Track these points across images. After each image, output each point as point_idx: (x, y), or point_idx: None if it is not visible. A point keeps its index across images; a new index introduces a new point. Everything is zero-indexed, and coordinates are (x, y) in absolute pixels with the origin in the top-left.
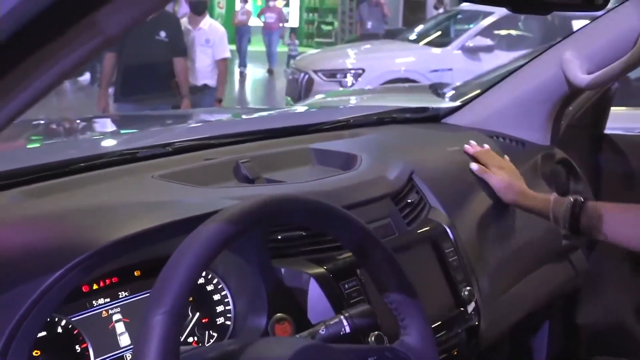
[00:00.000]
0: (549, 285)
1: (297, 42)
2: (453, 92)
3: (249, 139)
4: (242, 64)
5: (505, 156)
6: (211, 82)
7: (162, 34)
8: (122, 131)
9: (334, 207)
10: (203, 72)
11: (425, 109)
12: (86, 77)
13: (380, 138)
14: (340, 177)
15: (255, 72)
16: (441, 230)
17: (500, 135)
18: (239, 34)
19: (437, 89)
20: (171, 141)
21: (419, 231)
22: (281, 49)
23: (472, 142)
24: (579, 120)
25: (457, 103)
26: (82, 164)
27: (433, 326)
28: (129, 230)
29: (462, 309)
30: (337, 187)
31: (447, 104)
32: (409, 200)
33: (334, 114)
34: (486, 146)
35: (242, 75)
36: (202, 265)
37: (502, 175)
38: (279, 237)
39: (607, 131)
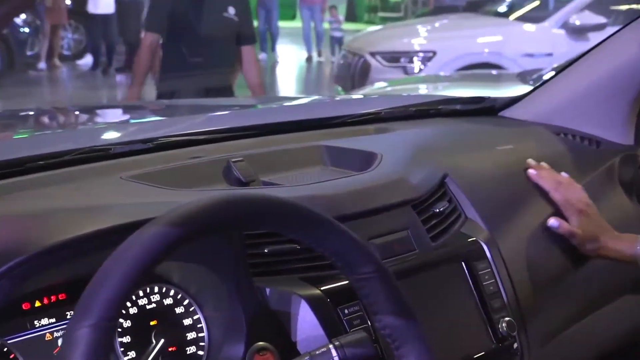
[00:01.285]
0: (629, 321)
1: (341, 18)
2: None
3: (249, 134)
4: (268, 48)
5: (580, 188)
6: None
7: (231, 10)
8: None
9: (313, 210)
10: None
11: (479, 99)
12: (87, 60)
13: (414, 134)
14: (348, 180)
15: (289, 59)
16: (476, 247)
17: (569, 133)
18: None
19: (527, 79)
20: (153, 136)
21: (446, 247)
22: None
23: (531, 161)
24: None
25: (520, 92)
26: (41, 162)
27: None
28: (65, 235)
29: (499, 344)
30: (341, 191)
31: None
32: (437, 210)
33: (363, 104)
34: (564, 175)
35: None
36: (137, 274)
37: (582, 222)
38: (266, 251)
39: None
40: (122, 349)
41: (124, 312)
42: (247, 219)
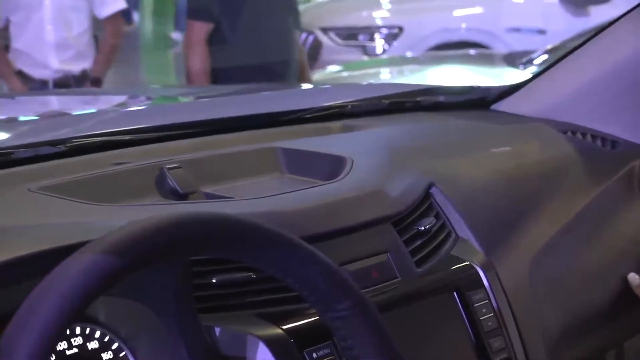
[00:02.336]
0: None
1: None
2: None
3: (186, 133)
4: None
5: None
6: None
7: None
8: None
9: (280, 232)
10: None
11: (468, 90)
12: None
13: (390, 133)
14: (313, 192)
15: None
16: (470, 273)
17: (578, 131)
18: None
19: (515, 60)
20: (65, 137)
21: (434, 274)
22: None
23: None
24: None
25: (516, 81)
26: None
27: None
28: None
29: None
30: (305, 206)
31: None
32: (422, 228)
33: (324, 96)
34: None
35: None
36: (64, 318)
37: None
38: (214, 281)
39: None
40: None
41: None
42: (202, 244)
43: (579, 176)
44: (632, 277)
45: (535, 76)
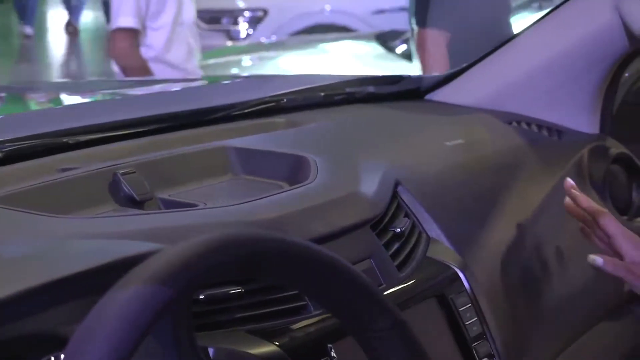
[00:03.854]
0: (611, 351)
1: None
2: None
3: (131, 133)
4: (28, 21)
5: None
6: None
7: None
8: None
9: (319, 250)
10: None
11: (400, 80)
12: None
13: (339, 128)
14: (285, 197)
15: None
16: (450, 275)
17: (522, 120)
18: None
19: (387, 41)
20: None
21: (416, 278)
22: None
23: (569, 181)
24: (638, 94)
25: (450, 70)
26: None
27: None
28: None
29: None
30: (280, 213)
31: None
32: (398, 230)
33: (252, 88)
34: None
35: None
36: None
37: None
38: (201, 297)
39: None
40: None
41: None
42: (246, 267)
43: (532, 168)
44: (595, 258)
45: (471, 65)
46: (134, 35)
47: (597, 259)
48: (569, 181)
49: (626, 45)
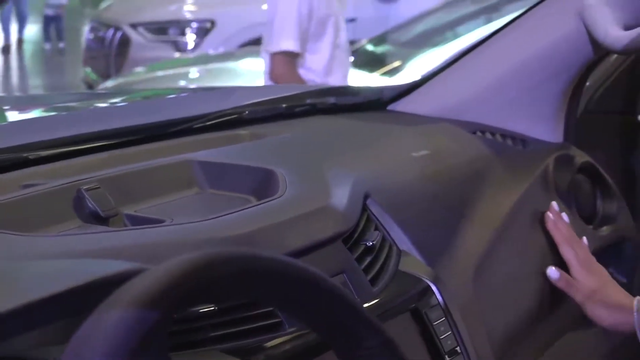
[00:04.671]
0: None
1: None
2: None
3: (94, 147)
4: None
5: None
6: None
7: None
8: None
9: (307, 268)
10: None
11: (362, 91)
12: None
13: (305, 140)
14: (255, 212)
15: None
16: (423, 289)
17: (486, 130)
18: None
19: None
20: None
21: (390, 293)
22: None
23: (554, 205)
24: (600, 102)
25: (414, 79)
26: None
27: None
28: None
29: None
30: (251, 229)
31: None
32: (369, 243)
33: (213, 100)
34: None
35: None
36: None
37: (592, 283)
38: (174, 316)
39: None
40: None
41: None
42: (236, 287)
43: (499, 177)
44: (551, 271)
45: (434, 75)
46: (294, 58)
47: (553, 273)
48: (555, 206)
49: (590, 53)
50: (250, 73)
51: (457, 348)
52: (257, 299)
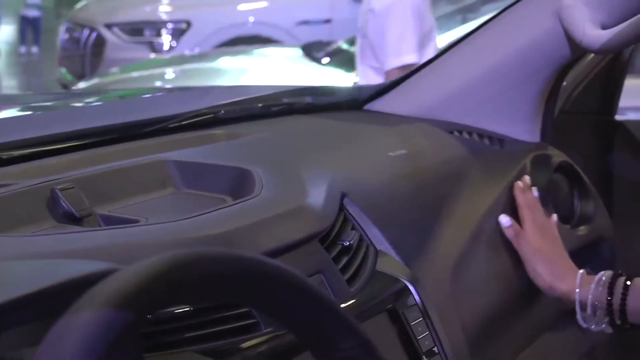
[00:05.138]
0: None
1: None
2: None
3: (68, 147)
4: None
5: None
6: None
7: None
8: None
9: (284, 268)
10: None
11: (335, 89)
12: None
13: (280, 139)
14: (230, 212)
15: None
16: (400, 289)
17: (463, 130)
18: None
19: (313, 52)
20: None
21: (367, 293)
22: None
23: (526, 178)
24: (577, 102)
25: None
26: None
27: None
28: None
29: None
30: (226, 229)
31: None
32: (346, 243)
33: (188, 100)
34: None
35: None
36: None
37: (541, 244)
38: (148, 317)
39: (618, 117)
40: None
41: None
42: (213, 287)
43: (477, 177)
44: (503, 217)
45: (410, 74)
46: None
47: (504, 220)
48: (527, 180)
49: (567, 53)
50: (226, 73)
51: (435, 348)
52: (233, 300)
